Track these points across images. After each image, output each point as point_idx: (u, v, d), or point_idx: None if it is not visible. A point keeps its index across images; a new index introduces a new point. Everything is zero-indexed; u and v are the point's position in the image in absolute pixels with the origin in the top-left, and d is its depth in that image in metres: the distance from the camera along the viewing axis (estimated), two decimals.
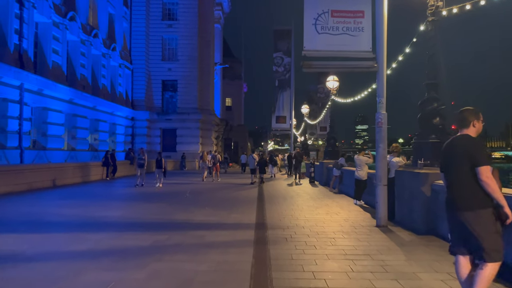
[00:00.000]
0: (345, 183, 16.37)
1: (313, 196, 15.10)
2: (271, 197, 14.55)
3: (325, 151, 20.59)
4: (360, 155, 12.81)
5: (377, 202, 8.66)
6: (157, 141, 40.10)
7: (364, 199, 12.68)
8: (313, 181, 21.77)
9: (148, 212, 10.63)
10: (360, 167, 12.57)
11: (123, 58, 36.69)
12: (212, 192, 16.49)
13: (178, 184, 20.61)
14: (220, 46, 55.64)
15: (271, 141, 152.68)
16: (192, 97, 40.57)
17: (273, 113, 33.10)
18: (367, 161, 12.18)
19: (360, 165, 12.53)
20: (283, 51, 32.54)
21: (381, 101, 8.65)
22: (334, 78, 20.39)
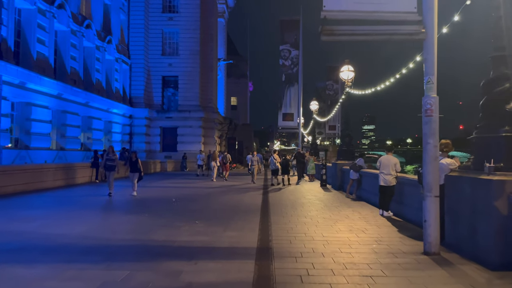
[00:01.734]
0: (364, 188, 13.98)
1: (328, 203, 12.72)
2: (277, 205, 12.20)
3: (339, 150, 18.18)
4: (389, 154, 10.46)
5: (425, 219, 6.28)
6: (156, 140, 37.93)
7: (391, 209, 10.30)
8: (325, 185, 19.36)
9: (120, 229, 8.32)
10: (387, 169, 10.21)
11: (120, 52, 34.54)
12: (209, 198, 14.17)
13: (172, 187, 18.34)
14: (224, 42, 53.37)
15: (277, 141, 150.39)
16: (194, 94, 38.35)
17: (279, 110, 30.74)
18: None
19: (388, 166, 10.16)
20: (290, 43, 30.18)
21: (430, 80, 6.26)
22: (349, 68, 17.98)
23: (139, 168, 13.95)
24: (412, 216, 9.19)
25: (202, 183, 20.49)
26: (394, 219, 9.72)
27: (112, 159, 14.29)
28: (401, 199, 10.11)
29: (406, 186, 9.78)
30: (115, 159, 14.36)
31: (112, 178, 14.12)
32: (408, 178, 9.74)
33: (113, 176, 14.17)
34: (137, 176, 13.92)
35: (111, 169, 14.24)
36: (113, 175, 14.23)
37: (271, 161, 19.98)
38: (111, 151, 14.56)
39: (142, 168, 14.28)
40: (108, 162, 14.32)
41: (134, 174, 14.03)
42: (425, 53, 6.34)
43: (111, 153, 14.44)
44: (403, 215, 9.73)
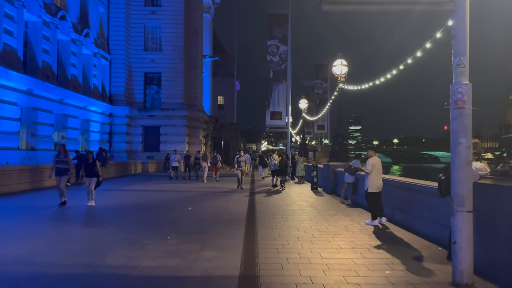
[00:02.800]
0: (361, 193, 12.64)
1: (322, 211, 11.33)
2: (265, 213, 10.77)
3: (331, 151, 16.86)
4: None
5: (455, 241, 4.91)
6: (138, 140, 36.12)
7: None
8: (316, 188, 18.03)
9: (71, 249, 6.73)
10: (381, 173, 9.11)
11: (99, 47, 32.67)
12: (188, 204, 12.65)
13: (150, 191, 16.76)
14: (209, 38, 51.77)
15: (264, 141, 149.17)
16: (177, 92, 36.63)
17: (267, 108, 29.32)
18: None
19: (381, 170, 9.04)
20: (278, 38, 28.79)
21: (461, 63, 4.90)
22: (342, 62, 16.66)
23: (96, 172, 11.72)
24: (423, 228, 7.86)
25: (183, 186, 18.95)
26: (402, 231, 8.38)
27: (64, 161, 11.74)
28: (409, 208, 8.77)
29: (415, 193, 8.44)
30: (68, 161, 11.83)
31: (64, 184, 11.63)
32: (417, 184, 8.40)
33: (64, 182, 11.66)
34: (94, 181, 11.65)
35: (63, 173, 11.53)
36: (65, 180, 11.74)
37: (271, 161, 19.35)
38: (62, 151, 11.71)
39: (101, 172, 12.13)
40: (59, 165, 11.56)
41: (91, 180, 11.59)
42: (455, 28, 4.98)
43: (62, 154, 11.66)
44: (412, 226, 8.39)
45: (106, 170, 24.96)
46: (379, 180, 9.17)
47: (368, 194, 9.36)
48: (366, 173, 9.29)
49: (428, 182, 8.17)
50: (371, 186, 9.21)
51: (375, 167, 9.21)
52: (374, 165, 9.24)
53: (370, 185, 9.25)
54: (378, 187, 9.16)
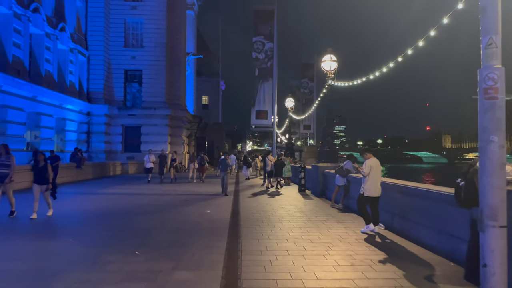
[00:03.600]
0: (352, 196, 11.74)
1: (312, 216, 10.35)
2: (250, 220, 9.74)
3: (320, 151, 15.94)
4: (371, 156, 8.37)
5: (485, 263, 3.97)
6: (118, 140, 34.64)
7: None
8: (304, 190, 17.09)
9: (11, 270, 5.55)
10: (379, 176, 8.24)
11: (76, 42, 31.14)
12: (166, 210, 11.52)
13: (126, 194, 15.52)
14: (193, 36, 50.46)
15: (249, 142, 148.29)
16: (159, 90, 35.30)
17: (252, 107, 28.29)
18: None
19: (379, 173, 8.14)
20: (264, 35, 27.79)
21: (493, 42, 3.97)
22: (332, 58, 15.76)
23: (47, 177, 9.90)
24: (429, 239, 6.94)
25: (162, 189, 17.77)
26: (404, 241, 7.46)
27: (6, 164, 9.63)
28: (412, 215, 7.85)
29: (419, 199, 7.53)
30: (11, 164, 9.76)
31: (10, 190, 9.81)
32: (422, 188, 7.50)
33: (10, 187, 9.78)
34: (44, 189, 9.90)
35: (2, 178, 9.55)
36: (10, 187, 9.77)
37: (266, 162, 19.47)
38: (4, 152, 9.71)
39: (52, 176, 10.35)
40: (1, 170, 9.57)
41: (41, 187, 9.82)
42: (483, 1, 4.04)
43: (4, 155, 9.68)
44: (414, 236, 7.48)
45: (81, 171, 23.66)
46: (377, 184, 8.26)
47: (362, 198, 8.45)
48: (364, 176, 8.36)
49: (435, 187, 7.26)
50: (368, 190, 8.30)
51: (373, 169, 8.30)
52: (372, 168, 8.32)
53: (367, 189, 8.34)
54: (376, 191, 8.24)
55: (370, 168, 8.32)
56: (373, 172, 8.31)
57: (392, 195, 8.60)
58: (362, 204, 8.43)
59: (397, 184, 8.46)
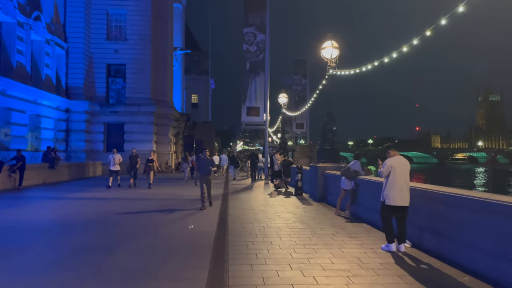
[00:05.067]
0: (362, 203, 9.94)
1: (316, 229, 8.51)
2: (241, 234, 7.86)
3: (320, 150, 14.12)
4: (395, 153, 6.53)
5: None
6: (99, 138, 32.41)
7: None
8: (301, 193, 15.28)
9: None
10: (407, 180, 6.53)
11: (53, 33, 28.90)
12: (138, 220, 9.58)
13: (98, 199, 13.51)
14: (181, 31, 48.33)
15: (240, 141, 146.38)
16: (144, 85, 33.18)
17: (243, 103, 26.39)
18: None
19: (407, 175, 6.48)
20: (255, 25, 25.93)
21: None
22: (333, 44, 13.94)
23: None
24: (478, 264, 5.14)
25: (141, 193, 15.79)
26: (445, 266, 5.66)
27: None
28: (448, 231, 6.05)
29: (459, 209, 5.72)
30: None
31: None
32: (465, 196, 5.68)
33: None
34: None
35: None
36: None
37: (274, 161, 18.32)
38: None
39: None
40: None
41: None
42: None
43: None
44: (453, 258, 5.67)
45: (55, 172, 21.54)
46: (402, 190, 6.46)
47: (383, 208, 6.69)
48: (387, 178, 6.58)
49: (486, 195, 5.46)
50: (388, 198, 6.51)
51: (394, 171, 6.51)
52: (394, 168, 6.54)
53: (387, 196, 6.55)
54: (400, 199, 6.45)
55: (390, 168, 6.53)
56: (395, 174, 6.52)
57: (420, 203, 6.80)
58: (384, 216, 6.64)
59: (427, 190, 6.67)
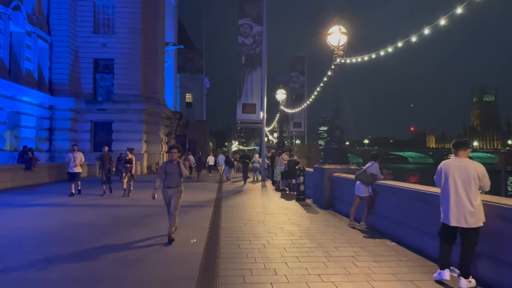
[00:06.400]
0: (381, 213, 8.24)
1: (329, 247, 6.77)
2: (235, 257, 6.11)
3: (326, 149, 12.40)
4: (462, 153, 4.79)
5: None
6: (86, 137, 30.52)
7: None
8: (303, 199, 13.57)
9: None
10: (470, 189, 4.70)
11: (35, 25, 27.02)
12: (107, 234, 7.79)
13: (69, 206, 11.68)
14: (174, 25, 46.53)
15: (235, 141, 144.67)
16: (133, 82, 31.35)
17: (238, 100, 24.59)
18: None
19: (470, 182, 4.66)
20: (252, 17, 24.17)
21: None
22: (341, 30, 12.24)
23: None
24: None
25: (121, 199, 13.98)
26: None
27: None
28: None
29: None
30: None
31: None
32: None
33: None
34: None
35: None
36: None
37: (280, 162, 16.92)
38: None
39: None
40: None
41: None
42: None
43: None
44: None
45: (32, 174, 19.67)
46: (459, 204, 4.72)
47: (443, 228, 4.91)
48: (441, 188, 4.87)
49: None
50: (442, 213, 4.81)
51: (448, 177, 4.80)
52: (447, 174, 4.83)
53: (441, 210, 4.84)
54: (456, 217, 4.72)
55: (443, 176, 4.82)
56: (448, 182, 4.81)
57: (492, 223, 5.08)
58: (441, 237, 4.91)
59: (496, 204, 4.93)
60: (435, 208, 6.13)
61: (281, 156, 17.05)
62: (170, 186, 7.17)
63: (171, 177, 7.16)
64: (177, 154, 7.23)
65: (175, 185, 7.20)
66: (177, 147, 7.33)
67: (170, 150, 7.28)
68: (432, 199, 6.20)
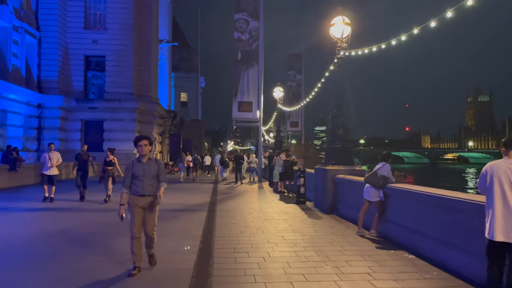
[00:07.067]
0: (393, 220, 7.39)
1: (340, 262, 5.90)
2: (229, 276, 5.21)
3: (328, 148, 11.54)
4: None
5: None
6: (76, 137, 29.50)
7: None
8: (304, 201, 12.71)
9: None
10: None
11: (23, 20, 25.98)
12: (85, 245, 6.87)
13: (49, 210, 10.72)
14: (168, 22, 45.55)
15: (231, 141, 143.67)
16: (126, 79, 30.38)
17: (234, 97, 23.67)
18: None
19: None
20: (248, 11, 23.28)
21: None
22: (344, 20, 11.39)
23: None
24: None
25: (110, 201, 13.02)
26: None
27: None
28: None
29: None
30: None
31: None
32: None
33: None
34: None
35: None
36: None
37: (279, 162, 16.16)
38: None
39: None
40: None
41: None
42: None
43: None
44: None
45: (17, 175, 18.65)
46: (508, 215, 3.85)
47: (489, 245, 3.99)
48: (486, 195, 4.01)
49: None
50: (487, 226, 3.93)
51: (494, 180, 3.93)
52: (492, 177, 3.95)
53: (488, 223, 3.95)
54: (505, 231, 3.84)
55: (488, 180, 3.96)
56: (494, 188, 3.93)
57: None
58: (488, 257, 4.02)
59: None
60: (462, 217, 5.33)
61: (279, 156, 16.22)
62: (142, 194, 5.11)
63: (143, 182, 5.12)
64: (149, 147, 5.30)
65: (149, 192, 5.14)
66: (147, 138, 5.34)
67: (138, 142, 5.23)
68: (458, 206, 5.38)
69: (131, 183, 5.17)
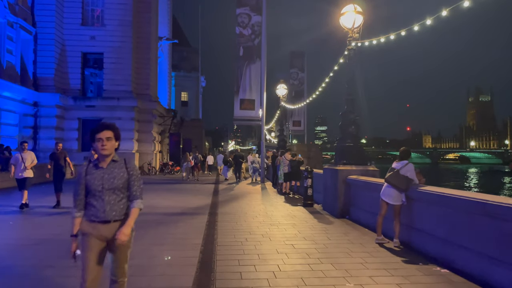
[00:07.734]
0: (416, 227, 6.54)
1: (363, 279, 5.06)
2: None
3: (339, 147, 10.69)
4: None
5: None
6: (73, 136, 28.69)
7: None
8: (311, 204, 11.86)
9: None
10: None
11: (18, 15, 25.16)
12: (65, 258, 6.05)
13: (37, 214, 9.90)
14: (168, 20, 44.71)
15: (231, 141, 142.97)
16: (124, 77, 29.57)
17: (235, 95, 22.83)
18: None
19: None
20: (250, 5, 22.42)
21: None
22: (356, 9, 10.54)
23: None
24: None
25: None
26: None
27: None
28: None
29: None
30: None
31: None
32: None
33: None
34: None
35: None
36: None
37: (283, 162, 15.41)
38: None
39: None
40: None
41: None
42: None
43: None
44: None
45: (5, 175, 17.81)
46: None
47: None
48: None
49: None
50: None
51: None
52: None
53: None
54: None
55: None
56: None
57: None
58: None
59: None
60: (510, 226, 4.48)
61: (284, 156, 15.39)
62: (103, 219, 3.16)
63: (103, 199, 3.17)
64: (114, 143, 3.29)
65: (114, 216, 3.19)
66: (111, 128, 3.31)
67: (96, 134, 3.25)
68: (507, 213, 4.54)
69: (85, 202, 3.22)
